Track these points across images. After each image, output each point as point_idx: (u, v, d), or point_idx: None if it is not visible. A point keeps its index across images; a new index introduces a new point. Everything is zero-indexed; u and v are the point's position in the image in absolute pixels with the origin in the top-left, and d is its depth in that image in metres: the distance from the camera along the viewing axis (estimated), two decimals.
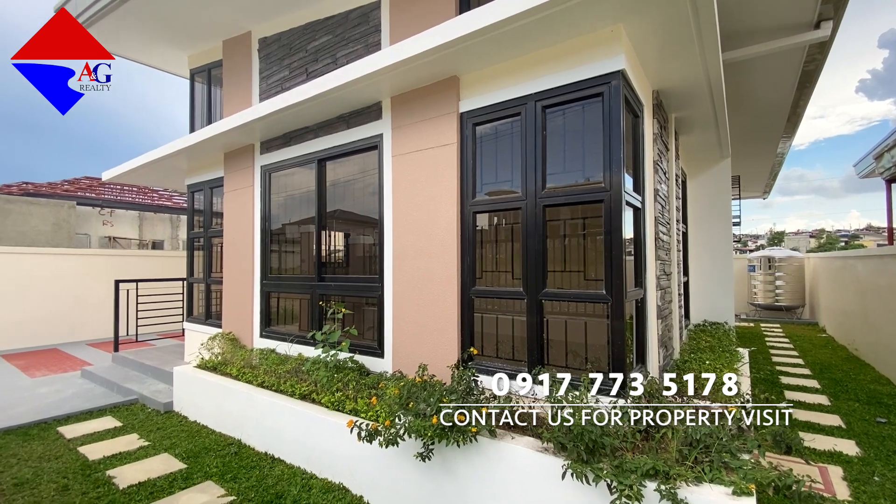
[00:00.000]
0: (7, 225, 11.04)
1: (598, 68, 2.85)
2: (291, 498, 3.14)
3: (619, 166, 2.79)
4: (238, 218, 5.58)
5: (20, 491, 3.28)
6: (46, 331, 8.92)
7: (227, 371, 4.69)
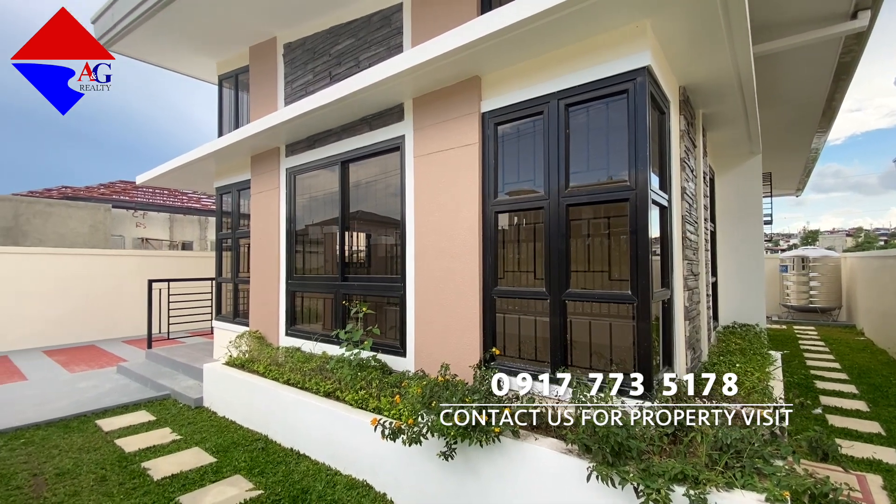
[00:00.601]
0: (48, 227, 11.60)
1: (623, 65, 2.80)
2: (317, 493, 3.20)
3: (645, 164, 2.74)
4: (264, 219, 5.72)
5: (62, 481, 3.45)
6: (84, 328, 9.35)
7: (255, 368, 4.81)
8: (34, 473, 3.56)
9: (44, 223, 11.57)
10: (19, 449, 4.03)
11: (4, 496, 3.20)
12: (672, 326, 3.39)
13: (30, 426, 4.53)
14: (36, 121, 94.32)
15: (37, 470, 3.62)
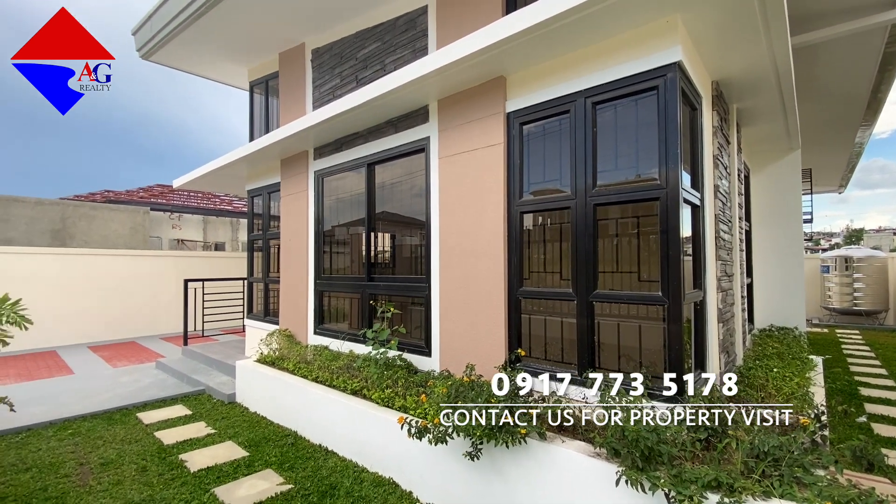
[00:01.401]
0: (93, 229, 12.23)
1: (653, 61, 2.74)
2: (344, 489, 3.26)
3: (676, 162, 2.67)
4: (293, 221, 5.86)
5: (105, 470, 3.64)
6: (125, 325, 9.81)
7: (284, 366, 4.94)
8: (81, 463, 3.77)
9: (88, 225, 12.20)
10: (67, 439, 4.27)
11: (54, 483, 3.40)
12: (704, 329, 3.29)
13: (76, 418, 4.79)
14: (79, 128, 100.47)
15: (83, 459, 3.83)
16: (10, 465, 3.71)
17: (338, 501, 3.11)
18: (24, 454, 3.92)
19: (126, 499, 3.17)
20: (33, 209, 11.20)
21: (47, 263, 9.00)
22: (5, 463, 3.74)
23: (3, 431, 4.35)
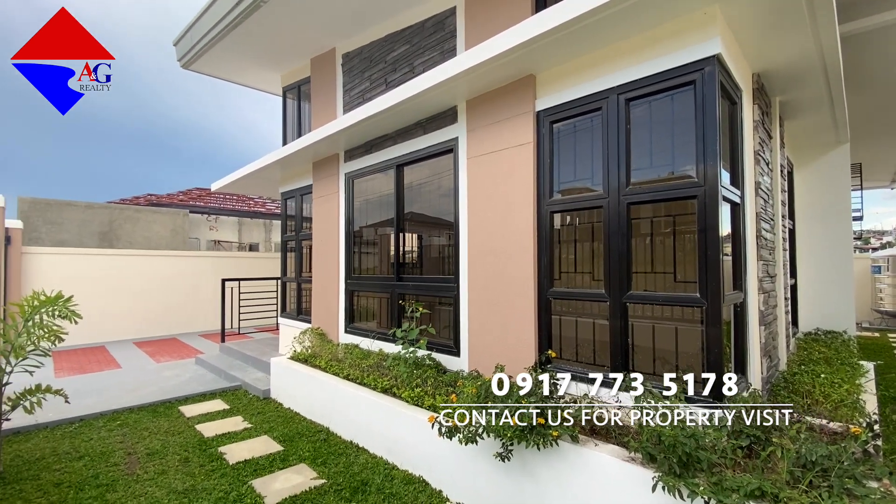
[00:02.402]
0: (137, 231, 12.88)
1: (690, 55, 2.66)
2: (376, 486, 3.31)
3: (715, 159, 2.58)
4: (325, 222, 6.00)
5: (151, 460, 3.82)
6: (167, 322, 10.29)
7: (316, 363, 5.06)
8: (129, 452, 3.98)
9: (133, 227, 12.85)
10: (116, 430, 4.51)
11: (105, 471, 3.60)
12: (745, 332, 3.16)
13: (124, 409, 5.06)
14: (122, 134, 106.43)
15: (131, 449, 4.04)
16: (65, 452, 3.96)
17: (369, 498, 3.16)
18: (77, 443, 4.17)
19: (170, 488, 3.32)
20: (84, 212, 11.89)
21: (96, 263, 9.55)
22: (60, 451, 3.99)
23: (59, 421, 4.64)
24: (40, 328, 3.56)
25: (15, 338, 3.50)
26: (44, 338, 3.56)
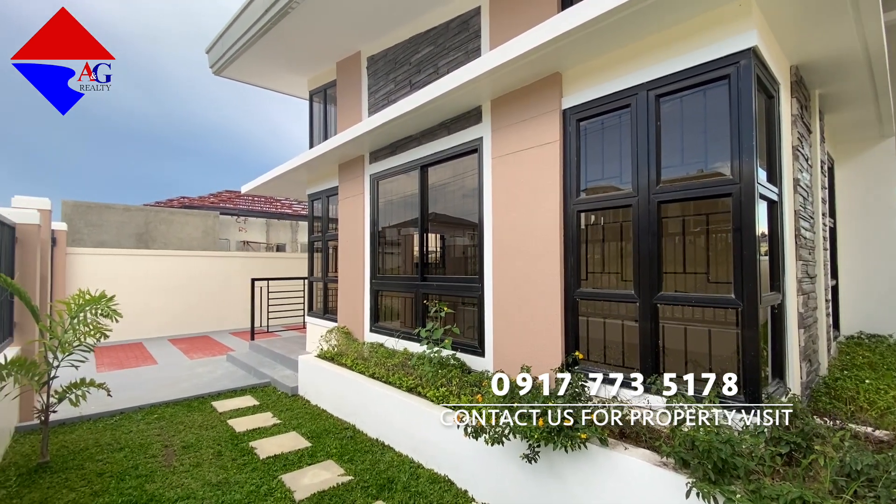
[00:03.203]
0: (171, 232, 13.38)
1: (724, 48, 2.58)
2: (402, 484, 3.34)
3: (751, 155, 2.49)
4: (350, 223, 6.09)
5: (187, 452, 3.96)
6: (199, 320, 10.65)
7: (342, 362, 5.14)
8: (165, 445, 4.14)
9: (167, 229, 13.36)
10: (153, 423, 4.70)
11: (143, 463, 3.76)
12: (784, 335, 3.03)
13: (161, 404, 5.27)
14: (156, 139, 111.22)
15: (167, 442, 4.20)
16: (107, 444, 4.15)
17: (395, 495, 3.19)
18: (118, 435, 4.36)
19: (205, 480, 3.44)
20: (122, 215, 12.43)
21: (133, 263, 9.97)
22: (103, 442, 4.19)
23: (101, 414, 4.87)
24: (85, 325, 3.75)
25: (62, 334, 3.69)
26: (88, 334, 3.75)
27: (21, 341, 4.63)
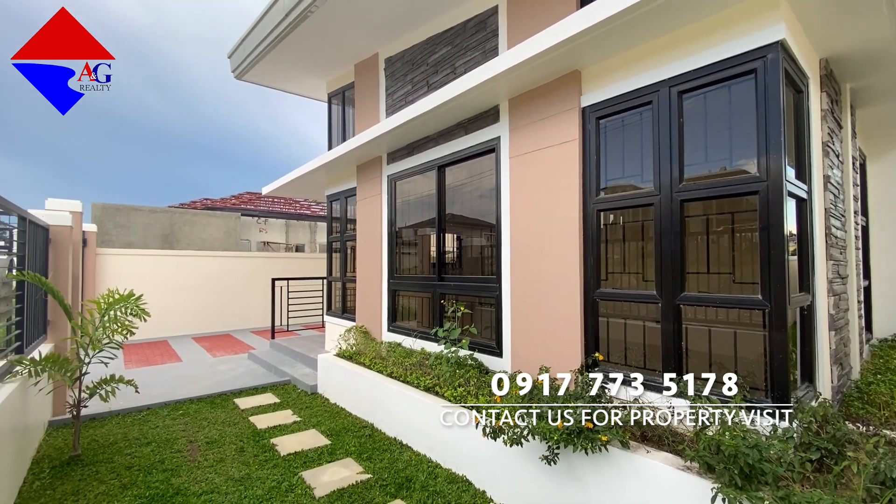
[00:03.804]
0: (194, 233, 13.72)
1: (750, 42, 2.51)
2: (420, 483, 3.35)
3: (779, 151, 2.42)
4: (368, 223, 6.14)
5: (210, 448, 4.06)
6: (222, 319, 10.89)
7: (361, 360, 5.19)
8: (190, 440, 4.24)
9: (191, 230, 13.70)
10: (179, 419, 4.82)
11: (170, 457, 3.86)
12: (813, 337, 2.93)
13: (185, 400, 5.40)
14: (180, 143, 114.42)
15: (192, 437, 4.31)
16: (135, 438, 4.28)
17: (414, 494, 3.20)
18: (145, 430, 4.49)
19: (228, 475, 3.51)
20: (148, 216, 12.80)
21: (159, 263, 10.26)
22: (131, 437, 4.32)
23: (129, 409, 5.02)
24: (114, 323, 3.87)
25: (93, 332, 3.82)
26: (117, 332, 3.87)
27: (54, 339, 4.82)
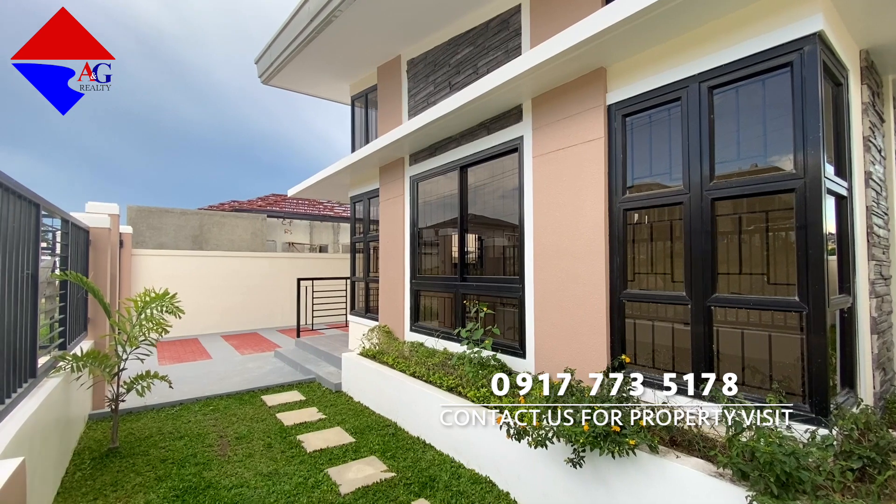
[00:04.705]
0: (222, 234, 14.13)
1: (786, 34, 2.42)
2: (443, 483, 3.36)
3: (817, 147, 2.33)
4: (391, 224, 6.20)
5: (239, 443, 4.17)
6: (249, 318, 11.18)
7: (384, 360, 5.24)
8: (220, 435, 4.37)
9: (219, 231, 14.12)
10: (209, 414, 4.98)
11: (201, 451, 3.99)
12: (854, 341, 2.81)
13: (215, 396, 5.57)
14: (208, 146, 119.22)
15: (222, 433, 4.44)
16: (168, 432, 4.44)
17: (437, 494, 3.22)
18: (178, 424, 4.66)
19: (257, 470, 3.60)
20: (179, 218, 13.25)
21: (189, 263, 10.62)
22: (165, 431, 4.48)
23: (163, 404, 5.21)
24: (150, 321, 4.03)
25: (130, 329, 3.98)
26: (153, 329, 4.02)
27: (94, 336, 5.04)
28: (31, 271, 3.02)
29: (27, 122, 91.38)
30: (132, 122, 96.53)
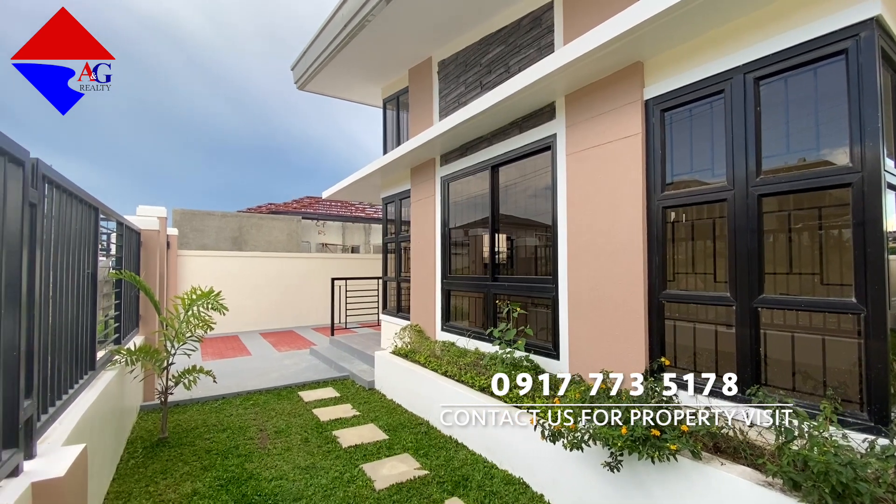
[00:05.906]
0: (260, 236, 14.66)
1: (839, 20, 2.29)
2: (476, 482, 3.36)
3: (876, 139, 2.19)
4: (422, 224, 6.25)
5: (278, 437, 4.31)
6: (285, 316, 11.55)
7: (416, 359, 5.29)
8: (260, 429, 4.54)
9: (257, 233, 14.65)
10: (250, 408, 5.17)
11: (243, 444, 4.15)
12: None
13: (255, 391, 5.78)
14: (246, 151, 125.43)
15: (262, 426, 4.60)
16: (212, 425, 4.64)
17: (471, 493, 3.22)
18: (221, 417, 4.86)
19: (295, 463, 3.72)
20: (220, 221, 13.84)
21: (230, 264, 11.07)
22: (209, 423, 4.69)
23: (207, 398, 5.46)
24: (196, 318, 4.23)
25: (178, 325, 4.20)
26: (198, 326, 4.22)
27: (145, 331, 5.34)
28: (91, 270, 3.23)
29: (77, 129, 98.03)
30: (172, 127, 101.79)
